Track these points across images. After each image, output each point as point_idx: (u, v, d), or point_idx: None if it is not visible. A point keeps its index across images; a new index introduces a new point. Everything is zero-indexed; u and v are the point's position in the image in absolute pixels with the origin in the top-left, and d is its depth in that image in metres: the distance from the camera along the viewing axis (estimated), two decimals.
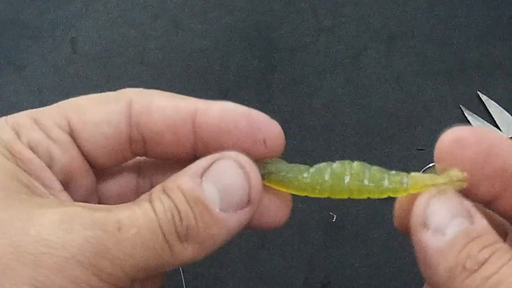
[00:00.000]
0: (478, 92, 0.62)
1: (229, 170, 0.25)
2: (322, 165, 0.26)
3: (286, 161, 0.28)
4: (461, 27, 0.67)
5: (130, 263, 0.23)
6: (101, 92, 0.64)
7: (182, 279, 0.56)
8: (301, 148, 0.59)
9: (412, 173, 0.26)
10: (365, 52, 0.66)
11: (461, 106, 0.62)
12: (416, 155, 0.59)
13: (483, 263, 0.22)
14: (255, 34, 0.67)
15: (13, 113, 0.28)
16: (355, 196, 0.26)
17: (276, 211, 0.28)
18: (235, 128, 0.27)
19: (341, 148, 0.59)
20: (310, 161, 0.27)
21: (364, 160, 0.26)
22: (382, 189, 0.25)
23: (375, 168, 0.26)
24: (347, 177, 0.25)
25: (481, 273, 0.22)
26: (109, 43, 0.67)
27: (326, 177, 0.26)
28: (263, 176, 0.26)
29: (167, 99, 0.27)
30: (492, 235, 0.23)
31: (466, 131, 0.24)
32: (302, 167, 0.27)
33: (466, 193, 0.25)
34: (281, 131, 0.27)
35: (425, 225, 0.23)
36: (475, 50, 0.65)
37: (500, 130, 0.59)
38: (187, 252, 0.24)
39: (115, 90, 0.66)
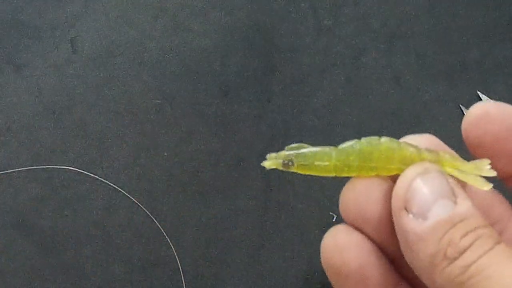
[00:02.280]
0: (478, 92, 0.62)
1: None
2: (348, 144, 0.25)
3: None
4: (461, 27, 0.67)
5: None
6: (100, 92, 0.64)
7: (182, 279, 0.56)
8: None
9: (441, 152, 0.25)
10: (365, 52, 0.66)
11: (461, 106, 0.62)
12: None
13: (463, 251, 0.21)
14: (255, 34, 0.67)
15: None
16: (384, 173, 0.24)
17: None
18: None
19: None
20: None
21: None
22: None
23: (403, 144, 0.24)
24: (376, 152, 0.24)
25: (461, 261, 0.21)
26: (109, 43, 0.67)
27: (353, 157, 0.25)
28: (288, 164, 0.26)
29: None
30: (476, 218, 0.22)
31: (493, 106, 0.24)
32: (327, 149, 0.26)
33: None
34: None
35: (406, 208, 0.22)
36: (475, 50, 0.65)
37: None
38: None
39: (115, 90, 0.66)
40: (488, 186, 0.23)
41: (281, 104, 0.63)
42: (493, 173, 0.24)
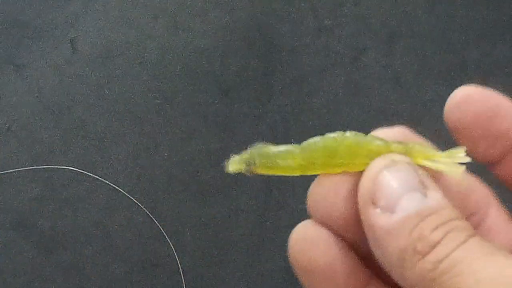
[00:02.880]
0: None
1: None
2: (312, 141, 0.24)
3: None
4: (461, 27, 0.67)
5: None
6: (100, 92, 0.64)
7: (182, 279, 0.56)
8: None
9: (411, 143, 0.24)
10: (365, 52, 0.66)
11: None
12: None
13: (435, 245, 0.20)
14: (255, 34, 0.67)
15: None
16: (351, 168, 0.24)
17: None
18: None
19: None
20: None
21: None
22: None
23: (369, 136, 0.24)
24: (341, 147, 0.24)
25: (432, 256, 0.20)
26: (109, 43, 0.67)
27: (318, 154, 0.24)
28: (250, 165, 0.25)
29: None
30: (447, 211, 0.21)
31: (475, 89, 0.23)
32: (291, 147, 0.25)
33: (468, 150, 0.23)
34: None
35: (373, 202, 0.21)
36: (475, 50, 0.65)
37: None
38: None
39: (115, 90, 0.66)
40: (462, 169, 0.22)
41: (281, 104, 0.63)
42: (467, 159, 0.23)
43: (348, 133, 0.24)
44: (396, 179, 0.22)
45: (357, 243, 0.24)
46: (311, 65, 0.65)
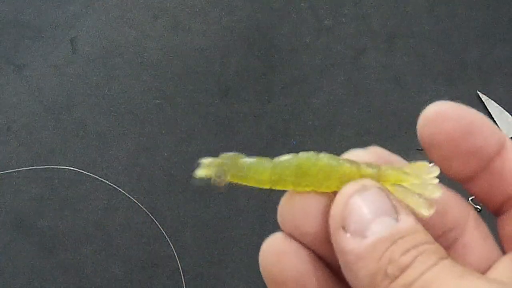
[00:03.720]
0: (478, 92, 0.62)
1: None
2: (285, 158, 0.24)
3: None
4: (461, 27, 0.67)
5: None
6: (100, 92, 0.64)
7: (182, 279, 0.56)
8: (301, 148, 0.59)
9: (383, 166, 0.25)
10: (365, 52, 0.66)
11: None
12: (416, 155, 0.59)
13: (405, 268, 0.20)
14: (255, 34, 0.67)
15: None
16: (322, 189, 0.24)
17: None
18: None
19: (341, 148, 0.59)
20: None
21: None
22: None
23: (343, 159, 0.24)
24: (313, 168, 0.24)
25: (402, 279, 0.20)
26: (109, 43, 0.67)
27: (289, 171, 0.24)
28: (221, 176, 0.25)
29: None
30: (418, 235, 0.21)
31: (449, 105, 0.23)
32: (263, 161, 0.25)
33: (441, 168, 0.23)
34: None
35: (343, 227, 0.21)
36: (475, 50, 0.65)
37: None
38: None
39: (115, 90, 0.66)
40: (430, 211, 0.22)
41: (281, 104, 0.63)
42: (438, 192, 0.23)
43: (322, 155, 0.24)
44: (366, 204, 0.22)
45: (328, 256, 0.24)
46: (311, 65, 0.65)
